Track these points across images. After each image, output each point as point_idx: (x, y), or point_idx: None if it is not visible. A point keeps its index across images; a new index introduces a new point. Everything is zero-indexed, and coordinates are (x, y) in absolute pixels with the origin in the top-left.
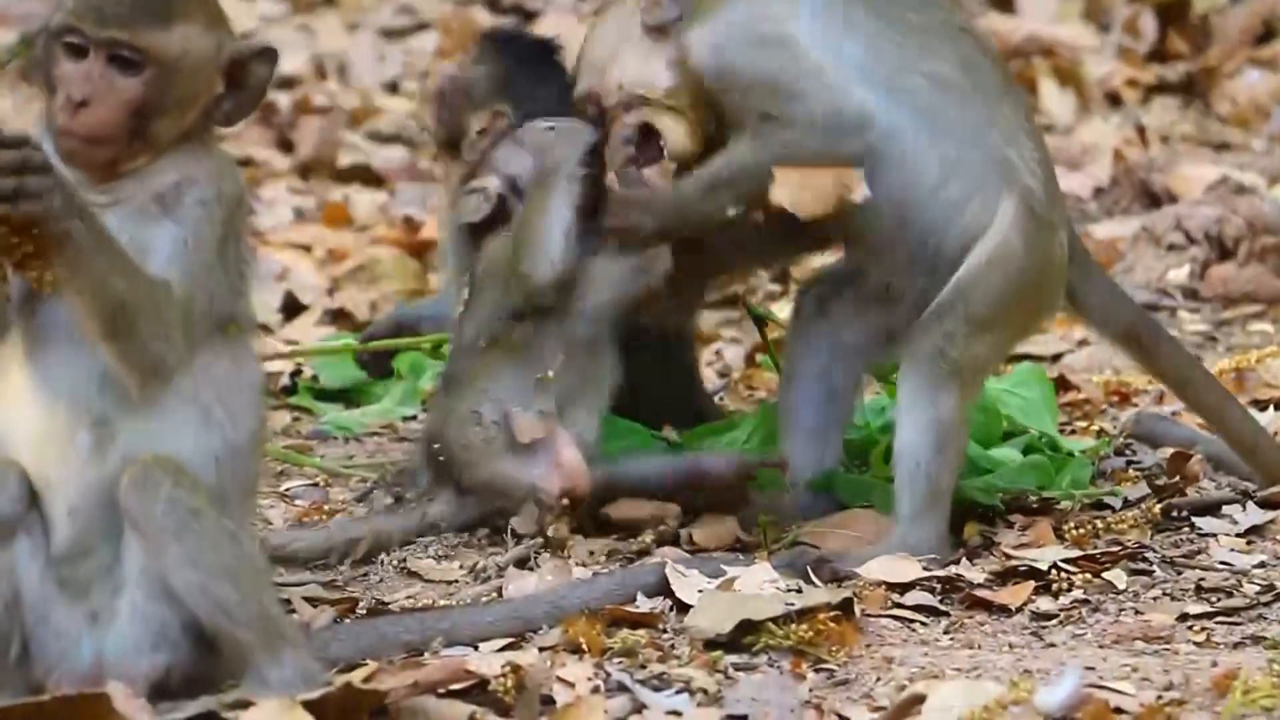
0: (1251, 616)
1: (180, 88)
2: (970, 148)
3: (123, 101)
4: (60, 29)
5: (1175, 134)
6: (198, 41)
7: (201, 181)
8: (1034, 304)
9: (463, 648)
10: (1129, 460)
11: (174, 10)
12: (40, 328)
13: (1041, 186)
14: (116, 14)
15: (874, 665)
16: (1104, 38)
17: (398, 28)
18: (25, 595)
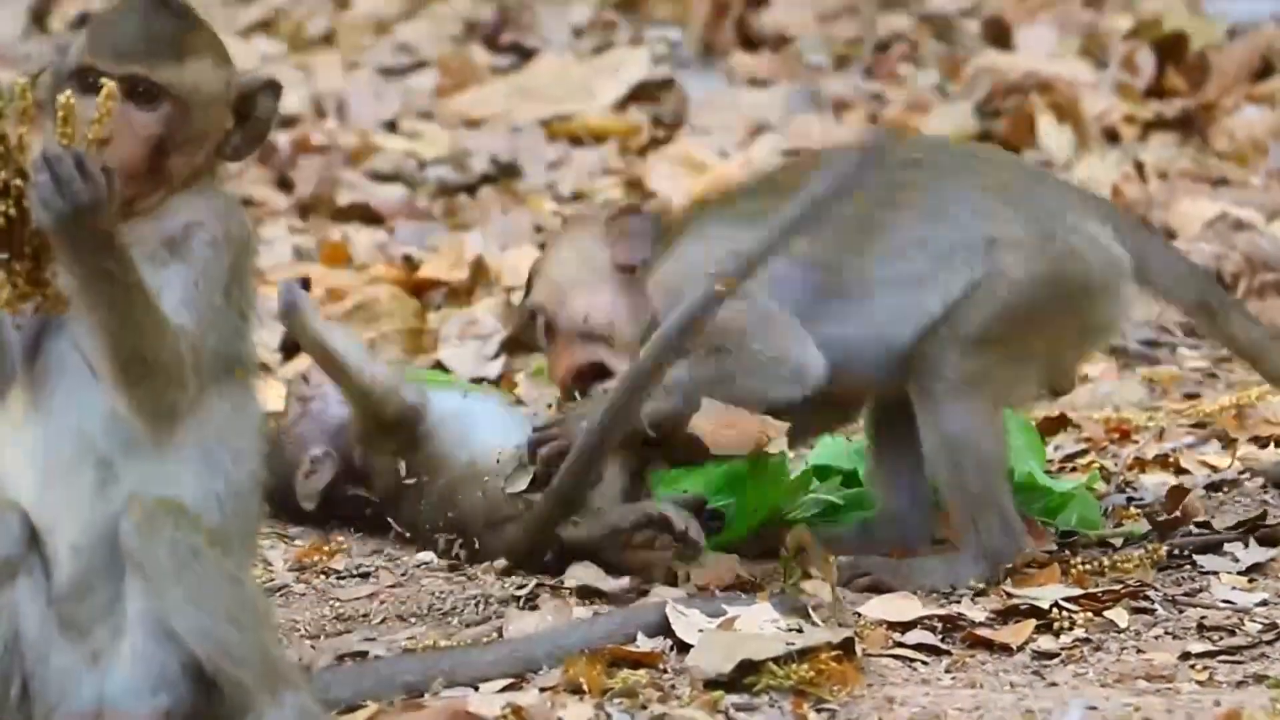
0: (1254, 655)
1: (195, 122)
2: (933, 271)
3: (142, 137)
4: (77, 68)
5: (1173, 170)
6: (209, 76)
7: (209, 224)
8: (1061, 312)
9: (463, 688)
10: (1130, 497)
11: (186, 46)
12: (44, 370)
13: (1025, 224)
14: (133, 51)
15: (875, 705)
16: (1101, 74)
17: (396, 66)
18: (26, 635)
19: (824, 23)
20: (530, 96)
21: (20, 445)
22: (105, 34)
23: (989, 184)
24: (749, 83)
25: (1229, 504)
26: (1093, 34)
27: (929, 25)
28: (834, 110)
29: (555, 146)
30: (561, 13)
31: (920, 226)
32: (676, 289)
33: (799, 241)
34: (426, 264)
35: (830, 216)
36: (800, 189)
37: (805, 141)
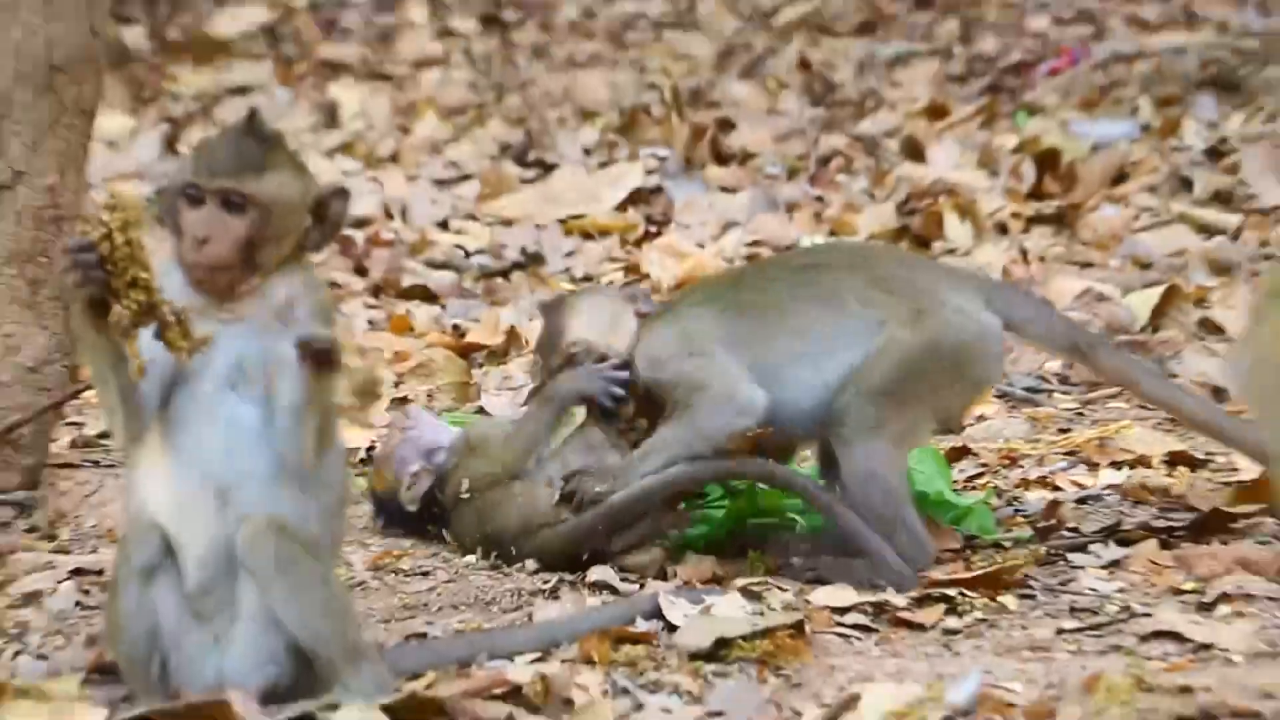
0: (1112, 631)
1: (277, 222)
2: (838, 346)
3: (234, 236)
4: (182, 184)
5: (1050, 255)
6: (288, 186)
7: (304, 297)
8: (942, 371)
9: (501, 661)
10: (1016, 509)
11: (267, 163)
12: (174, 417)
13: (909, 303)
14: (224, 168)
15: (820, 672)
16: (994, 181)
17: (447, 178)
18: (164, 625)
19: (779, 143)
20: (551, 201)
21: (157, 478)
22: (204, 156)
23: (873, 277)
24: (720, 189)
25: (1093, 514)
26: (986, 150)
27: (860, 144)
28: (787, 210)
29: (570, 240)
30: (575, 136)
31: (821, 314)
32: (655, 356)
33: (732, 321)
34: (471, 332)
35: (750, 307)
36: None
37: (765, 235)
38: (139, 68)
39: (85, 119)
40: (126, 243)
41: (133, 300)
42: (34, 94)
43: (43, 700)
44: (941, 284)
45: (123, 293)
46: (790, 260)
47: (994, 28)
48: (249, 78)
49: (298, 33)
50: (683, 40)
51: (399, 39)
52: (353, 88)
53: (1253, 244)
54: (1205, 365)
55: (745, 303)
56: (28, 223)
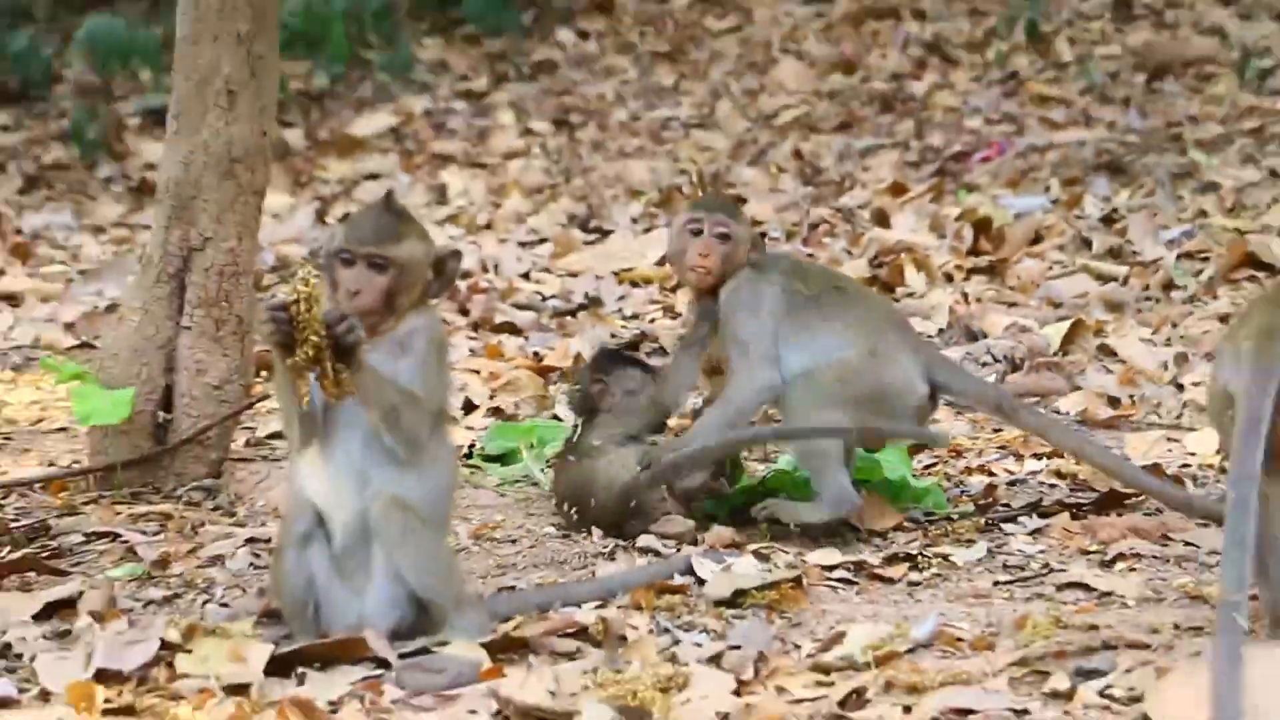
0: (1036, 583)
1: (409, 278)
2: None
3: (378, 290)
4: (337, 249)
5: (985, 297)
6: (417, 249)
7: (423, 332)
8: (864, 397)
9: (572, 608)
10: (962, 489)
11: (403, 233)
12: (329, 422)
13: (869, 339)
14: (370, 238)
15: (814, 615)
16: (941, 241)
17: (528, 241)
18: (316, 578)
19: (779, 213)
20: (607, 258)
21: (314, 466)
22: (354, 228)
23: (871, 317)
24: None
25: (1020, 493)
26: (936, 218)
27: (840, 214)
28: None
29: (622, 287)
30: (625, 209)
31: (820, 323)
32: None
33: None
34: (547, 357)
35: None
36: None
37: None
38: (297, 159)
39: (257, 198)
40: (308, 310)
41: (306, 351)
42: (218, 179)
43: (224, 638)
44: (905, 345)
45: (300, 344)
46: (830, 278)
47: (940, 126)
48: (379, 167)
49: (415, 133)
50: (706, 136)
51: (492, 137)
52: (457, 174)
53: (1137, 288)
54: (1103, 380)
55: (799, 295)
56: (214, 277)
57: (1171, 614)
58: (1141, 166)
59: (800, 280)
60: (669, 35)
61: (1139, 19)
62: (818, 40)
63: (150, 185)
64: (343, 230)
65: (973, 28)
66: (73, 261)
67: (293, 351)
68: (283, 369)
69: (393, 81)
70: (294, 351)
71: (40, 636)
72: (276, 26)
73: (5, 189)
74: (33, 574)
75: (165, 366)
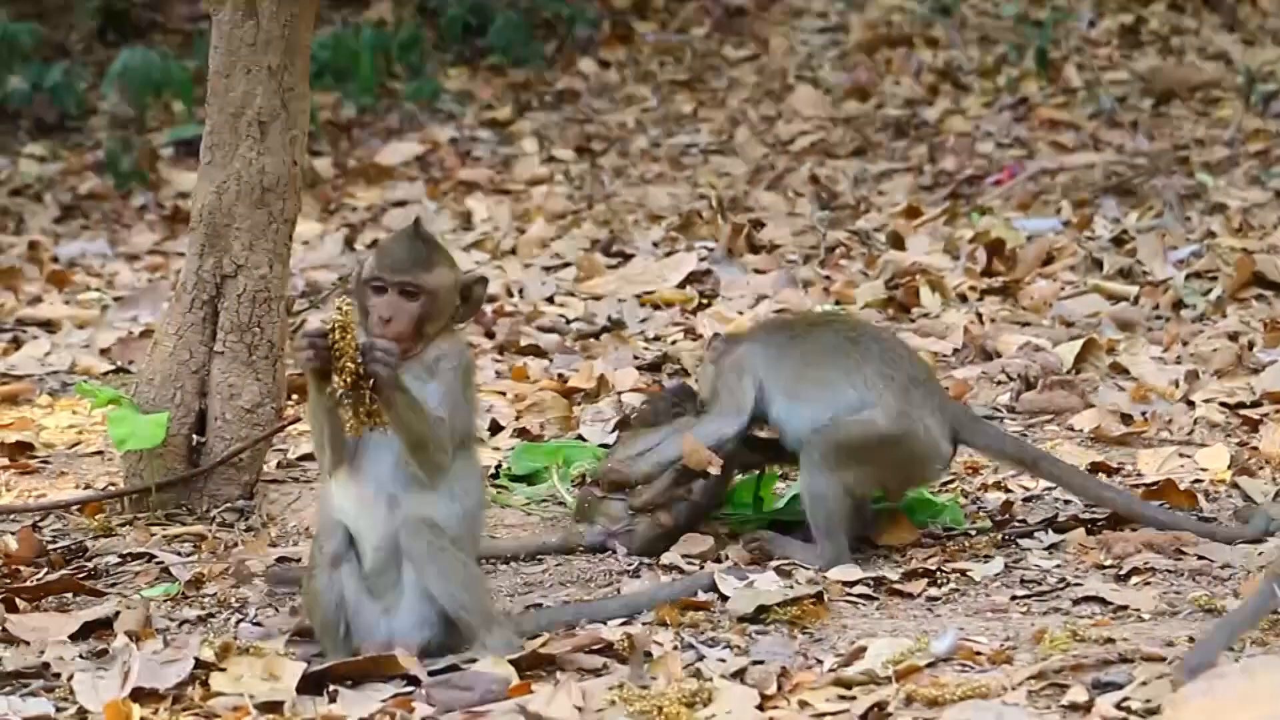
0: (1053, 598)
1: (439, 305)
2: (833, 401)
3: (409, 317)
4: (370, 277)
5: (998, 317)
6: (446, 277)
7: (450, 356)
8: (892, 458)
9: (597, 624)
10: (979, 506)
11: (433, 261)
12: (359, 447)
13: (898, 398)
14: (402, 266)
15: (835, 630)
16: (955, 263)
17: (552, 265)
18: (347, 597)
19: (796, 236)
20: (629, 281)
21: (344, 488)
22: (385, 256)
23: (885, 373)
24: (754, 271)
25: (1036, 509)
26: (950, 240)
27: (856, 237)
28: (803, 287)
29: (644, 310)
30: (646, 234)
31: (836, 377)
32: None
33: (773, 357)
34: (572, 379)
35: (791, 349)
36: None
37: (788, 305)
38: (326, 187)
39: (288, 225)
40: (344, 338)
41: (344, 379)
42: (250, 207)
43: (258, 657)
44: (929, 401)
45: (337, 371)
46: (839, 327)
47: (953, 150)
48: (406, 194)
49: (441, 160)
50: (724, 162)
51: (516, 164)
52: (482, 200)
53: (1148, 307)
54: (1116, 398)
55: (791, 345)
56: (246, 303)
57: (1186, 627)
58: (1150, 188)
59: (787, 334)
60: (688, 64)
61: (1146, 45)
62: (833, 68)
63: (183, 214)
64: (374, 259)
65: (984, 55)
66: (108, 288)
67: (329, 378)
68: (318, 396)
69: (419, 111)
70: (330, 378)
71: (77, 656)
72: (308, 60)
73: (42, 218)
74: (70, 594)
75: (199, 391)
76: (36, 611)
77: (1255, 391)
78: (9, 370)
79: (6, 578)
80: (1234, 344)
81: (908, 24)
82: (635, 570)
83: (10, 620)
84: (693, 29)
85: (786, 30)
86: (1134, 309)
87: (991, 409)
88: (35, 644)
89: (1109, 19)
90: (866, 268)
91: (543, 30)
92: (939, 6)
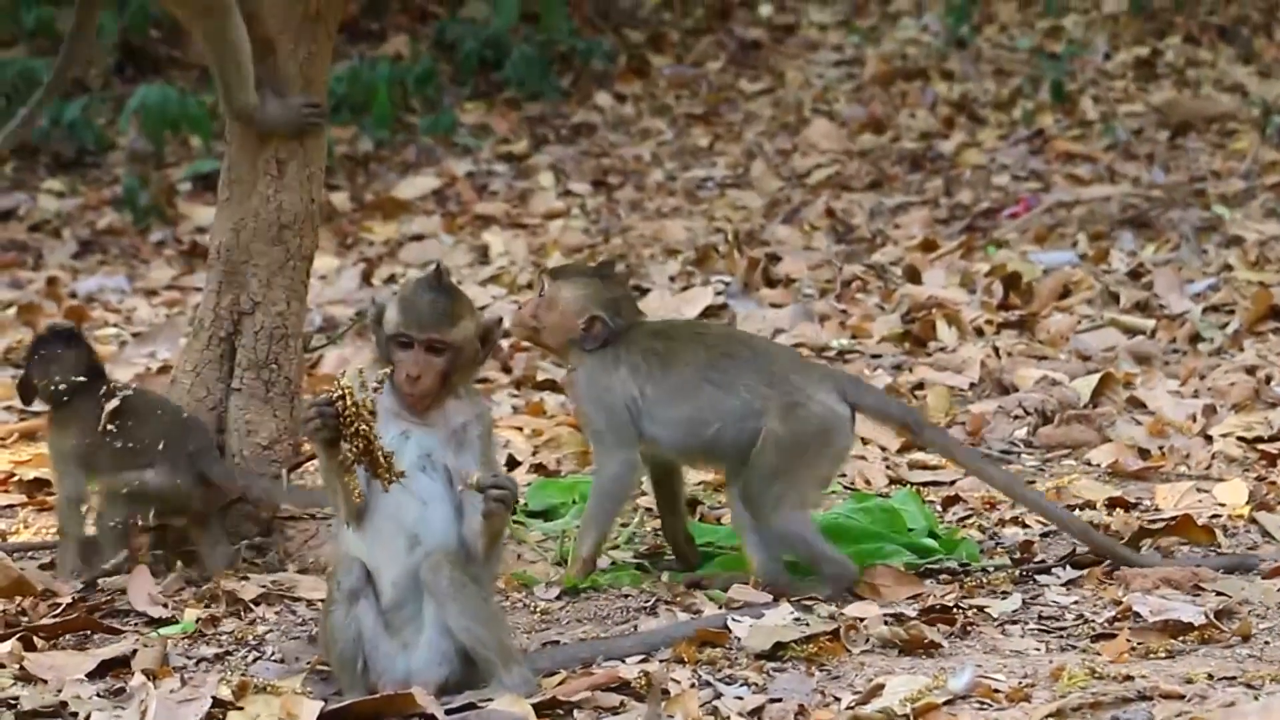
0: (1071, 634)
1: (465, 357)
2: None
3: (437, 372)
4: (395, 332)
5: (1015, 351)
6: (469, 327)
7: (474, 422)
8: (811, 450)
9: (614, 661)
10: (997, 542)
11: (458, 314)
12: (380, 489)
13: (782, 395)
14: (429, 322)
15: (853, 666)
16: (972, 296)
17: None
18: (365, 633)
19: (812, 270)
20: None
21: (363, 527)
22: (410, 311)
23: (764, 373)
24: (770, 305)
25: (1054, 545)
26: (966, 274)
27: (872, 270)
28: (819, 320)
29: None
30: (663, 268)
31: (716, 392)
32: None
33: (652, 370)
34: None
35: (670, 365)
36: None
37: (804, 339)
38: (343, 221)
39: (305, 262)
40: (354, 406)
41: (354, 445)
42: (268, 244)
43: (275, 695)
44: (811, 382)
45: (348, 439)
46: (712, 340)
47: (969, 183)
48: (423, 228)
49: (458, 194)
50: (740, 196)
51: (532, 198)
52: (499, 234)
53: (1165, 340)
54: (1133, 432)
55: (669, 360)
56: (264, 339)
57: (1205, 664)
58: (1166, 221)
59: (666, 346)
60: (703, 98)
61: (1161, 78)
62: (848, 101)
63: (200, 249)
64: (398, 312)
65: (999, 88)
66: (126, 324)
67: (338, 447)
68: (329, 463)
69: (436, 145)
70: (339, 447)
71: (95, 694)
72: (325, 96)
73: (60, 254)
74: (87, 632)
75: (216, 427)
76: (54, 650)
77: (1273, 425)
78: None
79: (23, 614)
80: (1252, 378)
81: (923, 57)
82: (652, 607)
83: (28, 658)
84: (708, 62)
85: (802, 64)
86: (1151, 343)
87: (1008, 443)
88: (53, 682)
89: (1124, 51)
90: (883, 301)
91: (559, 64)
92: (954, 39)
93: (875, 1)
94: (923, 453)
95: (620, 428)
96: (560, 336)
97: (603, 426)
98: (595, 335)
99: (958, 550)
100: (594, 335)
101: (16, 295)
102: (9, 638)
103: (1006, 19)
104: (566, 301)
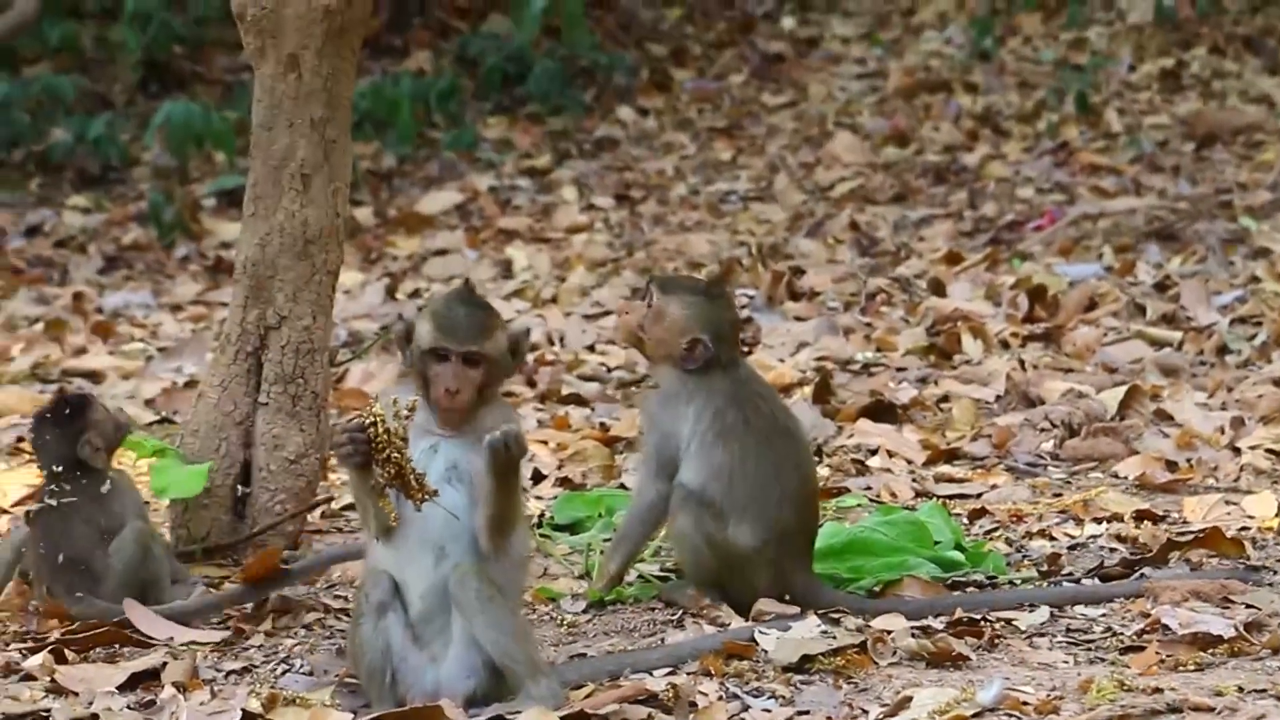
0: (1100, 646)
1: (499, 368)
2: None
3: (473, 385)
4: (432, 346)
5: (1041, 364)
6: (501, 339)
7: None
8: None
9: (641, 674)
10: (1024, 554)
11: (492, 327)
12: (407, 508)
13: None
14: (466, 335)
15: (881, 679)
16: (997, 309)
17: (593, 313)
18: (393, 646)
19: (837, 283)
20: None
21: (391, 540)
22: (445, 324)
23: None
24: (795, 319)
25: (1081, 557)
26: (991, 287)
27: (897, 284)
28: (844, 334)
29: None
30: None
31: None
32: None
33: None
34: (613, 428)
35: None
36: None
37: (828, 352)
38: (367, 236)
39: (331, 276)
40: (385, 431)
41: (386, 470)
42: (294, 259)
43: (304, 707)
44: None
45: (379, 464)
46: (760, 433)
47: (993, 196)
48: (447, 243)
49: (481, 209)
50: (764, 210)
51: (555, 212)
52: (522, 249)
53: (1192, 353)
54: (1160, 444)
55: (725, 436)
56: (290, 354)
57: (1235, 676)
58: (1193, 233)
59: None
60: (726, 111)
61: (1187, 89)
62: (872, 114)
63: (225, 264)
64: (432, 327)
65: (1023, 100)
66: (152, 339)
67: (369, 471)
68: (360, 485)
69: (459, 160)
70: (371, 471)
71: (125, 707)
72: (350, 112)
73: (86, 269)
74: (117, 645)
75: (243, 442)
76: (85, 662)
77: None
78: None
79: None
80: (1279, 390)
81: (946, 69)
82: (679, 620)
83: (59, 671)
84: (731, 76)
85: (825, 76)
86: (1178, 355)
87: (1035, 456)
88: (84, 695)
89: (1149, 63)
90: (907, 314)
91: (581, 79)
92: (978, 52)
93: (898, 14)
94: (949, 465)
95: (669, 461)
96: (662, 350)
97: (653, 451)
98: (696, 357)
99: (984, 563)
100: (695, 357)
101: (43, 311)
102: (40, 650)
103: (1030, 31)
104: (673, 319)
